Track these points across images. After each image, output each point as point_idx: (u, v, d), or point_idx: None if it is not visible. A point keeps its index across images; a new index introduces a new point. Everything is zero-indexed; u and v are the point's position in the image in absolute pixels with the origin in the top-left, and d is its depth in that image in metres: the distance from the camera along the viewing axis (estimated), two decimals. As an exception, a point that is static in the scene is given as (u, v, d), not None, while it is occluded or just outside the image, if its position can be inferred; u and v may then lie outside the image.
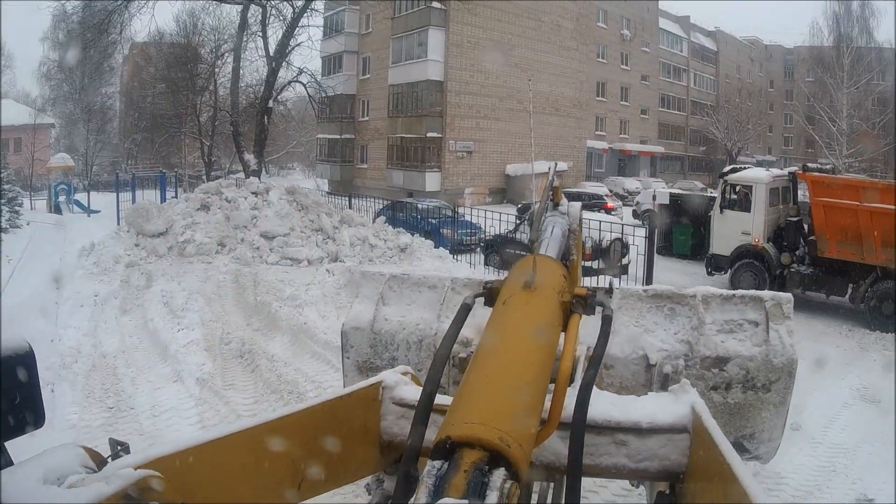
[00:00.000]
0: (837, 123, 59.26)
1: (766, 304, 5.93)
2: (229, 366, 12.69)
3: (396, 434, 3.45)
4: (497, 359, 2.44)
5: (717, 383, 5.72)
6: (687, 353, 5.73)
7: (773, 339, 5.76)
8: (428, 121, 52.13)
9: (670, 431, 3.24)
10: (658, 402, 3.46)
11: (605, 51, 72.91)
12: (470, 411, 2.11)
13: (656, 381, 5.63)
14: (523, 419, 2.18)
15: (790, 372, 5.76)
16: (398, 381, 3.59)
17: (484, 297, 3.11)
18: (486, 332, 2.68)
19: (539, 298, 2.81)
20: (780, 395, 5.80)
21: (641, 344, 5.76)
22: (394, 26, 54.99)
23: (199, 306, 16.29)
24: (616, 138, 75.18)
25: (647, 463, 3.24)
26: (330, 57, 61.38)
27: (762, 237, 21.03)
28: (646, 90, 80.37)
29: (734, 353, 5.71)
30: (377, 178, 56.92)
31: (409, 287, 6.57)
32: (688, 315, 5.93)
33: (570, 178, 56.38)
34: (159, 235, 22.68)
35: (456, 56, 52.19)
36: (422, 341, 6.13)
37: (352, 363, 6.37)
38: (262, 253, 22.19)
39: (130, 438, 9.26)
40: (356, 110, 61.60)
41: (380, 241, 23.12)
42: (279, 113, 51.01)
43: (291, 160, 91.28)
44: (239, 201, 23.84)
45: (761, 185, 21.24)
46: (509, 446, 1.96)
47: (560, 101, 58.34)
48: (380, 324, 6.29)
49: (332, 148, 64.22)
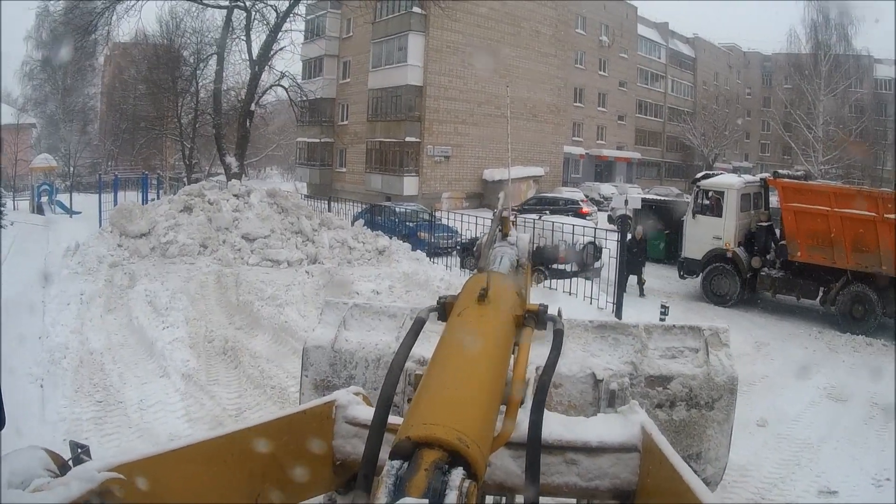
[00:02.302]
0: (814, 130, 59.59)
1: (705, 334, 6.19)
2: (213, 362, 13.02)
3: (349, 453, 3.59)
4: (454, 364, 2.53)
5: (661, 401, 5.89)
6: (632, 373, 5.91)
7: (714, 361, 5.98)
8: (406, 125, 52.48)
9: (620, 451, 3.46)
10: (608, 422, 3.70)
11: (584, 57, 73.32)
12: (429, 413, 2.19)
13: (603, 398, 5.80)
14: (480, 422, 2.27)
15: (731, 390, 5.95)
16: (351, 401, 3.74)
17: (438, 311, 3.30)
18: (443, 341, 2.78)
19: (493, 311, 2.93)
20: (724, 412, 5.98)
21: (588, 364, 5.95)
22: (374, 31, 55.15)
23: (183, 305, 16.52)
24: (593, 144, 75.59)
25: (597, 482, 3.46)
26: (310, 60, 61.58)
27: (733, 241, 21.40)
28: (623, 96, 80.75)
29: (677, 373, 5.92)
30: (356, 181, 57.06)
31: (371, 315, 6.74)
32: (631, 343, 6.14)
33: (547, 184, 56.82)
34: (142, 236, 22.80)
35: (435, 61, 52.66)
36: (380, 359, 6.26)
37: (309, 381, 6.48)
38: (244, 254, 22.39)
39: (119, 431, 9.80)
40: (336, 114, 61.61)
41: (358, 244, 23.36)
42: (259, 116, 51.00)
43: (270, 163, 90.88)
44: (221, 203, 24.00)
45: (733, 191, 21.66)
46: (468, 447, 2.04)
47: (538, 107, 58.92)
48: (340, 343, 6.44)
49: (311, 151, 64.18)
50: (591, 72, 75.02)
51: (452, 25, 51.45)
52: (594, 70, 75.84)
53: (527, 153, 55.19)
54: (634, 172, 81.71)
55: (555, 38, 61.64)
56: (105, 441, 9.35)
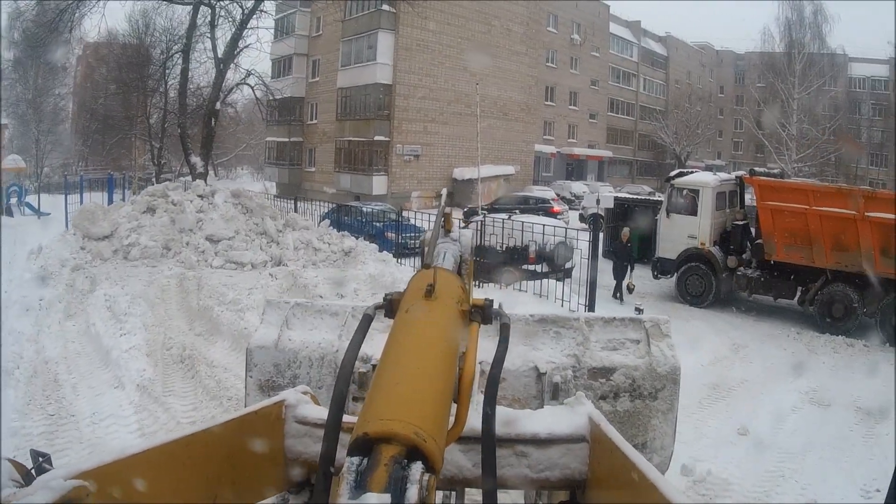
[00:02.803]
0: (788, 128, 60.11)
1: (646, 325, 6.08)
2: (170, 371, 12.65)
3: (300, 453, 3.52)
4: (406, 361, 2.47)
5: (605, 392, 5.82)
6: (574, 365, 5.85)
7: (656, 351, 5.88)
8: (376, 124, 52.15)
9: (569, 441, 3.39)
10: (555, 414, 3.61)
11: (555, 55, 73.30)
12: (384, 409, 2.12)
13: (547, 391, 5.74)
14: (435, 416, 2.21)
15: (675, 380, 5.85)
16: (300, 400, 3.66)
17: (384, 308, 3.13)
18: (392, 337, 2.70)
19: (440, 307, 2.85)
20: (668, 402, 5.90)
21: (531, 357, 5.86)
22: (344, 29, 54.95)
23: (142, 311, 16.11)
24: (564, 142, 75.52)
25: (548, 473, 3.39)
26: (280, 59, 61.56)
27: (708, 241, 21.18)
28: (595, 95, 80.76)
29: (619, 364, 5.84)
30: (325, 181, 56.73)
31: (312, 313, 6.64)
32: (572, 336, 6.04)
33: (518, 182, 56.88)
34: (105, 239, 22.45)
35: (405, 59, 52.28)
36: (323, 358, 6.22)
37: (254, 382, 6.36)
38: (207, 256, 22.05)
39: (71, 447, 9.40)
40: (305, 113, 61.50)
41: (324, 245, 23.04)
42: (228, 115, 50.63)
43: (240, 163, 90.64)
44: (184, 204, 23.65)
45: (708, 189, 21.42)
46: (425, 441, 1.99)
47: (508, 106, 58.85)
48: (283, 343, 6.32)
49: (280, 151, 64.03)
50: (562, 70, 74.96)
51: (422, 23, 51.59)
52: (566, 68, 75.80)
53: (497, 152, 54.89)
54: (606, 171, 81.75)
55: (526, 37, 61.53)
56: (57, 457, 8.93)
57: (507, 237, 20.92)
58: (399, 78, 52.23)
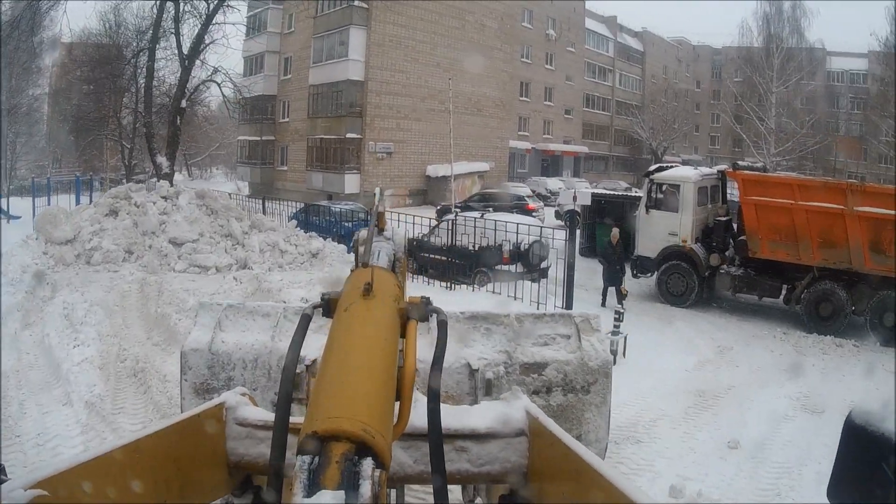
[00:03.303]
0: (766, 122, 60.62)
1: (576, 320, 6.32)
2: (122, 386, 12.08)
3: (242, 455, 3.43)
4: (349, 359, 2.43)
5: (538, 387, 6.01)
6: (506, 361, 6.02)
7: (586, 346, 6.12)
8: (347, 121, 51.51)
9: (508, 435, 3.42)
10: (492, 409, 3.61)
11: (530, 51, 73.04)
12: (331, 407, 2.08)
13: (480, 387, 5.91)
14: (381, 413, 2.19)
15: (606, 373, 6.09)
16: (239, 402, 3.57)
17: (322, 307, 3.08)
18: (333, 336, 2.67)
19: (379, 305, 2.80)
20: (600, 395, 6.13)
21: (463, 354, 6.04)
22: (315, 25, 54.26)
23: (99, 319, 15.61)
24: (539, 138, 75.31)
25: (488, 467, 3.41)
26: (252, 57, 61.22)
27: (690, 238, 20.60)
28: (570, 90, 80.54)
29: (551, 359, 6.05)
30: (297, 180, 56.30)
31: (245, 315, 6.75)
32: (503, 332, 6.24)
33: (493, 179, 56.52)
34: (67, 243, 21.86)
35: (377, 55, 51.37)
36: (257, 360, 6.31)
37: (189, 385, 6.43)
38: (170, 260, 21.49)
39: (13, 472, 8.54)
40: (277, 111, 61.14)
41: (291, 247, 22.53)
42: (201, 115, 50.01)
43: (214, 163, 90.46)
44: (147, 206, 23.01)
45: (689, 184, 20.84)
46: (373, 437, 1.97)
47: (482, 102, 58.10)
48: (217, 345, 6.43)
49: (252, 150, 63.65)
50: (537, 66, 74.72)
51: (395, 19, 51.36)
52: (541, 64, 75.58)
53: (471, 148, 54.78)
54: (582, 166, 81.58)
55: (501, 32, 61.12)
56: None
57: (479, 236, 20.38)
58: (371, 74, 51.51)
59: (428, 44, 53.77)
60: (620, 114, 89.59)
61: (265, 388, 6.05)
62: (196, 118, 54.04)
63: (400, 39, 52.38)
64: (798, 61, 62.57)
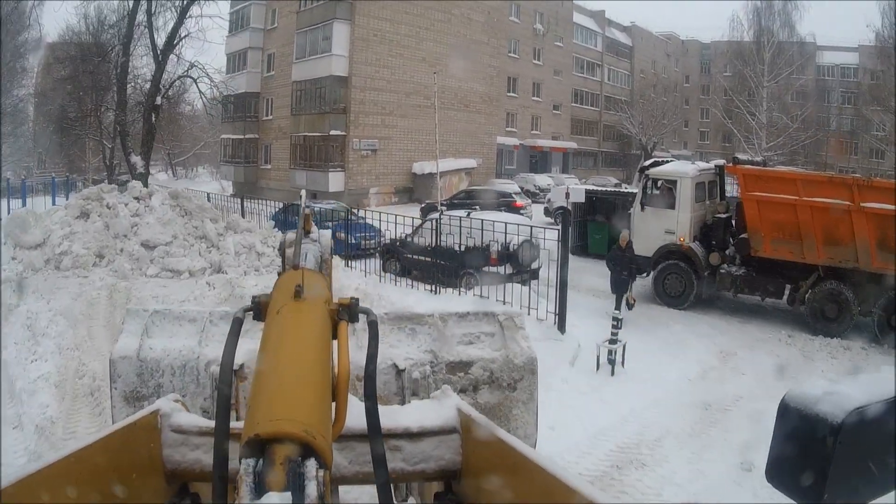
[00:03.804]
0: (757, 117, 61.09)
1: (500, 318, 6.11)
2: (77, 406, 11.36)
3: (179, 462, 3.22)
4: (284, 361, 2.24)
5: (464, 386, 5.84)
6: (432, 360, 5.85)
7: (511, 343, 5.94)
8: (331, 118, 50.87)
9: (441, 433, 3.34)
10: (423, 407, 3.55)
11: (518, 45, 72.72)
12: (272, 409, 1.92)
13: (407, 387, 5.77)
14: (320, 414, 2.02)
15: (532, 370, 5.92)
16: (173, 408, 3.35)
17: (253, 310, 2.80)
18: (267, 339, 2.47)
19: (310, 307, 2.59)
20: (527, 392, 5.98)
21: (389, 355, 5.81)
22: (299, 20, 53.54)
23: (61, 330, 14.79)
24: (528, 134, 75.23)
25: (423, 465, 3.32)
26: (235, 54, 61.04)
27: (688, 236, 19.93)
28: (558, 85, 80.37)
29: (477, 357, 5.87)
30: (281, 178, 55.91)
31: (171, 321, 6.21)
32: (428, 332, 6.04)
33: (480, 175, 56.13)
34: (37, 247, 21.08)
35: (361, 50, 50.79)
36: (185, 366, 5.88)
37: (119, 394, 5.93)
38: (142, 264, 20.68)
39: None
40: (260, 109, 60.66)
41: (268, 249, 21.76)
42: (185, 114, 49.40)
43: (200, 162, 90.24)
44: (118, 208, 22.21)
45: (686, 180, 20.17)
46: (315, 438, 1.83)
47: (469, 97, 57.62)
48: (145, 352, 5.91)
49: (236, 148, 63.07)
50: (525, 60, 74.54)
51: (379, 13, 50.84)
52: (528, 59, 75.40)
53: (458, 145, 54.03)
54: (570, 162, 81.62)
55: (487, 26, 60.63)
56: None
57: (465, 236, 19.61)
58: (355, 70, 50.82)
59: (413, 38, 53.31)
60: (609, 109, 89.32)
61: (194, 394, 5.68)
62: (180, 117, 53.47)
63: (384, 34, 51.91)
64: (789, 55, 62.97)
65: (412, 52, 52.95)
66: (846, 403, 1.63)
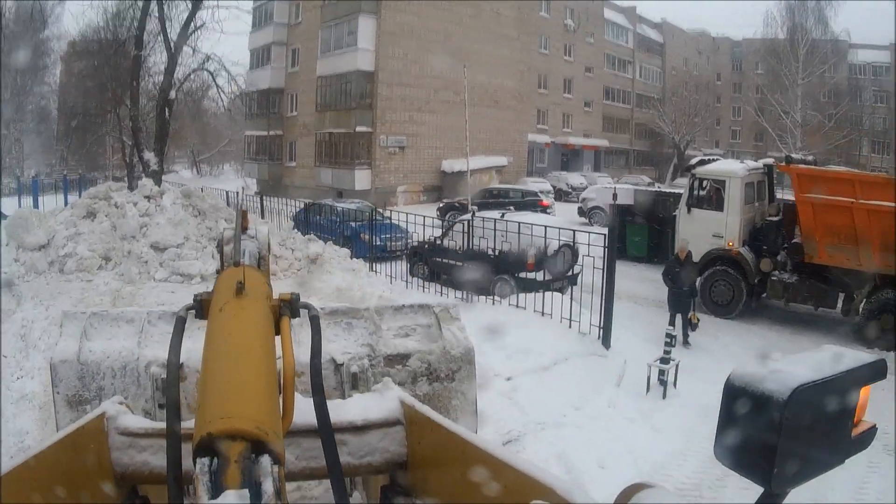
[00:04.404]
0: (791, 115, 60.36)
1: (435, 310, 6.22)
2: None
3: (128, 465, 3.26)
4: (230, 359, 2.33)
5: (403, 378, 5.86)
6: (370, 354, 5.91)
7: (447, 335, 6.04)
8: (357, 114, 49.99)
9: (385, 425, 3.43)
10: (366, 400, 3.64)
11: (548, 41, 71.66)
12: (222, 407, 2.01)
13: (346, 381, 5.79)
14: (269, 410, 2.13)
15: (470, 360, 6.00)
16: (119, 411, 3.37)
17: (195, 309, 2.98)
18: (211, 337, 2.55)
19: (252, 303, 2.70)
20: (465, 382, 6.06)
21: (327, 350, 5.65)
22: (323, 15, 52.71)
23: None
24: (559, 132, 74.19)
25: (369, 458, 3.41)
26: (258, 49, 60.39)
27: (737, 240, 18.71)
28: (589, 82, 79.43)
29: (414, 350, 5.97)
30: (306, 176, 55.18)
31: (109, 322, 6.14)
32: (364, 326, 6.12)
33: (511, 174, 55.37)
34: (40, 249, 20.02)
35: (388, 44, 49.95)
36: (125, 367, 5.82)
37: (62, 398, 5.90)
38: (151, 268, 19.48)
39: None
40: (284, 105, 59.85)
41: (286, 251, 20.47)
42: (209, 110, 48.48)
43: (225, 159, 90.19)
44: (127, 207, 21.07)
45: (736, 180, 18.99)
46: (267, 434, 1.94)
47: (499, 93, 56.69)
48: (85, 355, 5.87)
49: (260, 146, 62.48)
50: (555, 57, 73.59)
51: (406, 6, 49.99)
52: (559, 55, 74.42)
53: (488, 142, 53.11)
54: (602, 161, 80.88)
55: (517, 21, 59.72)
56: None
57: (499, 239, 18.33)
58: (382, 64, 49.98)
59: (441, 32, 52.27)
60: (641, 106, 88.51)
61: (136, 396, 5.60)
62: (204, 113, 52.65)
63: (412, 28, 51.01)
64: (822, 53, 62.22)
65: (441, 47, 51.67)
66: (791, 381, 1.60)
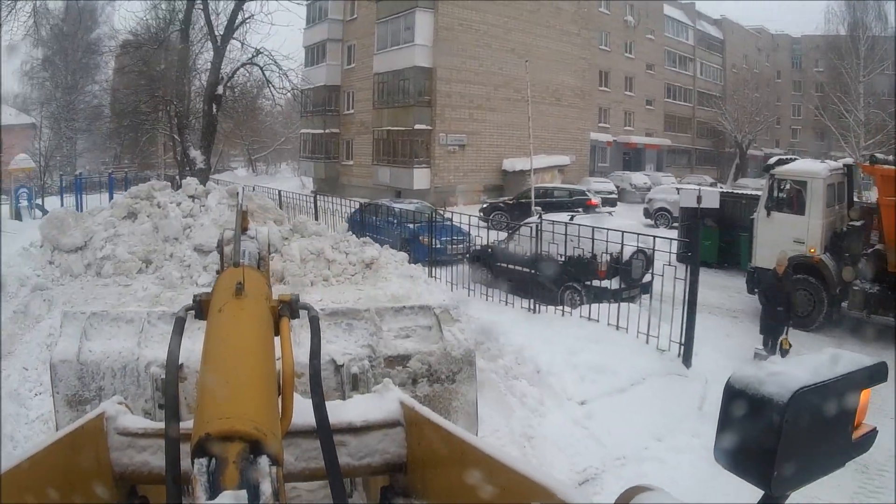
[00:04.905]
0: (854, 113, 58.89)
1: (436, 311, 6.10)
2: None
3: (127, 465, 3.44)
4: (230, 359, 2.42)
5: (403, 379, 5.85)
6: (370, 355, 5.89)
7: (448, 336, 5.94)
8: (415, 112, 49.03)
9: (385, 427, 3.56)
10: (367, 402, 3.79)
11: (608, 38, 70.79)
12: (221, 408, 2.06)
13: (347, 382, 5.79)
14: (268, 410, 2.22)
15: (470, 361, 5.97)
16: (119, 411, 3.56)
17: (195, 309, 3.13)
18: (211, 338, 2.67)
19: (252, 304, 2.84)
20: (466, 384, 6.02)
21: (327, 350, 5.72)
22: (378, 10, 51.87)
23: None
24: (620, 130, 73.18)
25: (368, 459, 3.53)
26: (313, 46, 60.15)
27: (819, 246, 17.44)
28: (651, 80, 78.41)
29: (414, 351, 5.94)
30: (363, 175, 54.45)
31: (109, 322, 6.19)
32: (364, 327, 6.09)
33: (573, 173, 54.26)
34: (77, 250, 18.83)
35: (446, 40, 49.03)
36: (125, 367, 5.87)
37: (62, 398, 5.86)
38: (194, 272, 18.08)
39: None
40: (341, 103, 59.44)
41: (339, 255, 19.05)
42: (264, 108, 47.74)
43: (282, 158, 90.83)
44: (169, 208, 19.91)
45: (818, 181, 17.73)
46: (265, 434, 2.00)
47: (561, 90, 55.66)
48: (85, 355, 5.88)
49: (316, 144, 61.89)
50: (616, 53, 72.63)
51: (464, 1, 49.19)
52: (620, 52, 73.46)
53: (550, 141, 51.94)
54: (664, 160, 79.74)
55: (577, 16, 58.71)
56: None
57: (568, 245, 17.01)
58: (440, 60, 49.09)
59: (500, 28, 51.32)
60: (702, 105, 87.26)
61: (135, 396, 5.59)
62: (259, 111, 52.02)
63: (470, 23, 50.08)
64: (883, 49, 60.37)
65: (500, 43, 51.00)
66: (791, 384, 1.61)
